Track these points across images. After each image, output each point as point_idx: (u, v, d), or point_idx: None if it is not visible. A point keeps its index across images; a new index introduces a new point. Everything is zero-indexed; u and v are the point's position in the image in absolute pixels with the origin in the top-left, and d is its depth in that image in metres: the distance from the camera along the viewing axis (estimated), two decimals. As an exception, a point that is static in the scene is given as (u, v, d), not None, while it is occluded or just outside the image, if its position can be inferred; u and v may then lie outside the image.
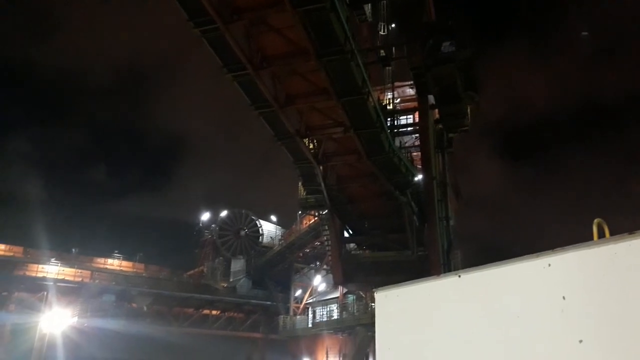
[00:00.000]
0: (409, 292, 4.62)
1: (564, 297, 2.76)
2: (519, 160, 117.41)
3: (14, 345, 32.37)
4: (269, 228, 47.44)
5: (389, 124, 22.07)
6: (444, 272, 4.81)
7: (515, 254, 3.62)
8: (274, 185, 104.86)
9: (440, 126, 25.37)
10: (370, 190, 23.66)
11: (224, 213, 46.10)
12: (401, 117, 27.89)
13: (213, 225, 46.62)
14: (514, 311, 3.55)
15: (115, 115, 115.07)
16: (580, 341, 2.56)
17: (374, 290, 4.97)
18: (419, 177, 24.67)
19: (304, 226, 40.22)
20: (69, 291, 34.81)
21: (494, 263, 3.76)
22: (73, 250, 45.16)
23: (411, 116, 28.55)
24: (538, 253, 3.20)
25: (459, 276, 4.05)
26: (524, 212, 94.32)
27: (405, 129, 28.12)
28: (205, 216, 49.38)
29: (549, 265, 3.12)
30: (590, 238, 2.76)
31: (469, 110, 24.46)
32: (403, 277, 4.91)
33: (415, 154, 26.92)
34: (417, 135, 27.28)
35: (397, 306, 4.69)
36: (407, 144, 28.07)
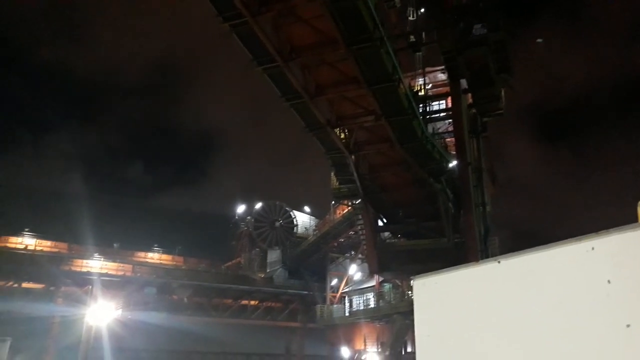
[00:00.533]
0: (448, 280, 4.59)
1: (609, 281, 2.70)
2: (556, 142, 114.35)
3: (62, 337, 33.71)
4: (303, 219, 47.71)
5: (421, 111, 21.81)
6: (482, 259, 4.76)
7: (555, 239, 3.54)
8: (306, 176, 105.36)
9: (474, 110, 24.90)
10: (403, 178, 23.49)
11: (258, 205, 46.61)
12: (433, 103, 27.47)
13: (248, 217, 47.21)
14: (556, 297, 3.49)
15: (149, 112, 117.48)
16: (628, 325, 2.50)
17: (411, 278, 4.98)
18: (453, 163, 24.30)
19: (338, 216, 40.27)
20: (112, 285, 35.92)
21: (535, 248, 3.69)
22: (114, 245, 46.50)
23: (443, 102, 28.09)
24: (580, 236, 3.13)
25: (499, 262, 4.00)
26: (563, 196, 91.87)
27: (437, 115, 27.69)
28: (241, 208, 50.05)
29: (593, 248, 3.05)
30: (634, 220, 2.69)
31: (502, 93, 23.92)
32: (439, 265, 4.88)
33: (449, 139, 26.53)
34: (450, 120, 26.85)
35: (435, 294, 4.67)
36: (440, 130, 27.67)
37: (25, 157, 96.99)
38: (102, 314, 32.43)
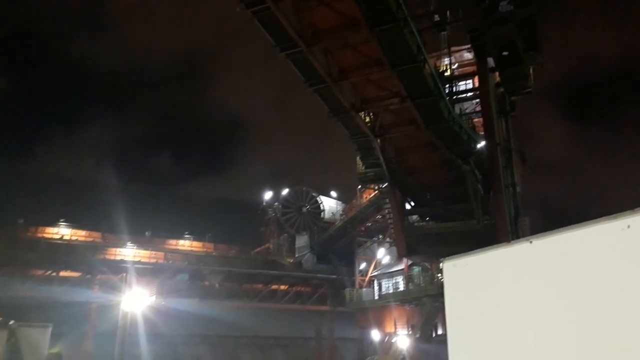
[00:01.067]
0: (478, 261, 4.54)
1: (646, 259, 2.62)
2: (587, 120, 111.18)
3: (99, 322, 34.82)
4: (329, 204, 47.79)
5: (447, 91, 21.45)
6: (513, 240, 4.67)
7: (588, 218, 3.45)
8: (332, 161, 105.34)
9: (502, 90, 24.37)
10: (430, 161, 23.23)
11: (285, 191, 46.90)
12: (460, 83, 26.98)
13: (276, 204, 47.56)
14: (591, 276, 3.41)
15: (175, 103, 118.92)
16: (667, 304, 2.43)
17: (441, 260, 4.93)
18: (481, 144, 23.90)
19: (365, 200, 40.19)
20: (146, 272, 36.75)
21: (568, 227, 3.61)
22: (146, 233, 47.51)
23: (470, 81, 27.55)
24: (616, 214, 3.05)
25: (531, 242, 3.93)
26: (596, 174, 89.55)
27: (464, 95, 27.20)
28: (268, 195, 50.46)
29: (628, 226, 2.97)
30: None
31: (531, 71, 23.32)
32: (469, 247, 4.82)
33: (476, 120, 26.07)
34: (477, 100, 26.37)
35: (466, 275, 4.63)
36: (467, 111, 27.20)
37: (58, 149, 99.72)
38: (136, 301, 33.31)
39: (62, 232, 43.75)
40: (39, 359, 9.15)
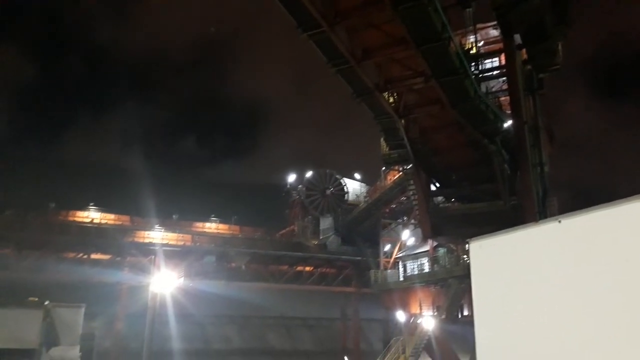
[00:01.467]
0: (505, 241, 4.48)
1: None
2: (616, 97, 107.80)
3: (130, 303, 35.76)
4: (353, 186, 47.70)
5: (473, 69, 20.98)
6: (541, 220, 4.58)
7: (616, 198, 3.35)
8: (356, 143, 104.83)
9: (529, 67, 23.74)
10: (456, 141, 22.93)
11: (309, 174, 46.93)
12: (486, 61, 26.35)
13: (300, 186, 47.70)
14: (622, 255, 3.33)
15: (198, 87, 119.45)
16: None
17: (467, 241, 4.87)
18: (508, 122, 23.44)
19: (389, 182, 39.99)
20: (174, 255, 37.47)
21: (597, 206, 3.52)
22: (173, 216, 48.31)
23: (496, 59, 26.91)
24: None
25: (559, 221, 3.85)
26: (624, 153, 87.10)
27: (490, 73, 26.59)
28: (292, 177, 50.63)
29: (662, 204, 2.87)
30: None
31: (560, 47, 22.64)
32: (495, 228, 4.75)
33: (503, 98, 25.51)
34: (504, 78, 25.78)
35: (492, 255, 4.58)
36: (493, 89, 26.65)
37: (86, 135, 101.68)
38: (165, 283, 34.11)
39: (92, 215, 44.85)
40: (73, 338, 9.44)
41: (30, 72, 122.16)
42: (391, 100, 20.43)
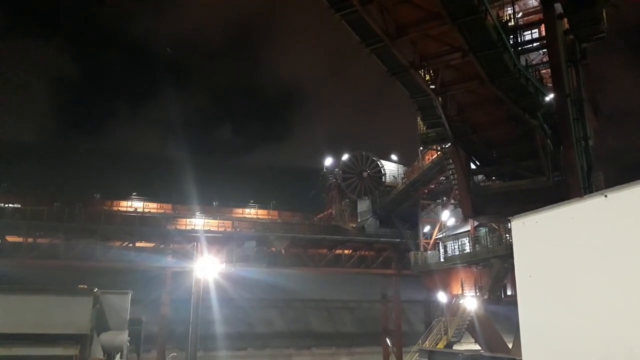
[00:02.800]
0: (549, 218, 4.31)
1: None
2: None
3: (174, 288, 36.84)
4: (390, 167, 47.29)
5: (512, 42, 20.26)
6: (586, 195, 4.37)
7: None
8: (392, 123, 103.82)
9: (572, 36, 22.75)
10: (495, 117, 22.31)
11: (345, 156, 46.78)
12: (525, 33, 25.37)
13: (336, 169, 47.64)
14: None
15: (232, 74, 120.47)
16: None
17: (509, 218, 4.72)
18: (550, 96, 22.62)
19: (427, 162, 39.45)
20: (215, 241, 38.25)
21: (648, 178, 3.32)
22: (214, 203, 49.26)
23: (536, 30, 25.86)
24: None
25: (606, 196, 3.67)
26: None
27: (530, 45, 25.60)
28: (328, 161, 50.57)
29: None
30: None
31: (604, 13, 21.59)
32: (538, 206, 4.57)
33: (544, 71, 24.59)
34: (544, 50, 24.84)
35: (536, 233, 4.42)
36: (534, 62, 25.69)
37: (124, 126, 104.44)
38: (208, 268, 34.95)
39: (135, 204, 46.24)
40: (121, 323, 9.75)
41: (72, 68, 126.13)
42: (427, 77, 20.00)
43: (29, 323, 8.06)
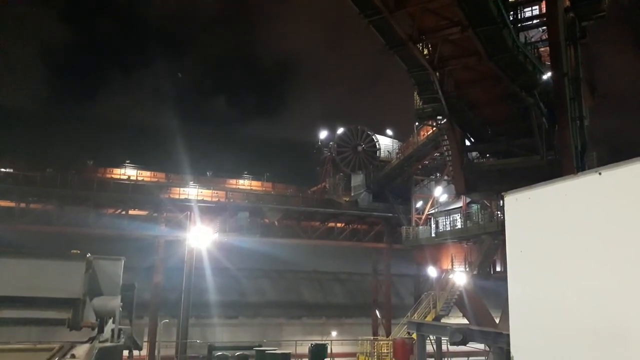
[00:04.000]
0: (542, 194, 4.33)
1: None
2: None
3: (167, 257, 37.04)
4: (385, 142, 47.23)
5: (511, 18, 20.05)
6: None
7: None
8: (387, 99, 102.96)
9: (572, 14, 22.57)
10: (492, 94, 22.23)
11: (340, 130, 46.64)
12: (525, 10, 25.15)
13: (331, 143, 47.56)
14: (668, 207, 3.17)
15: (227, 45, 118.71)
16: None
17: (503, 194, 4.74)
18: (547, 74, 22.52)
19: (422, 138, 39.40)
20: (209, 211, 38.31)
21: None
22: (207, 173, 49.18)
23: (537, 7, 25.63)
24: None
25: (600, 174, 3.68)
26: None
27: (530, 22, 25.41)
28: (323, 134, 50.41)
29: None
30: None
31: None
32: (531, 184, 4.60)
33: (543, 49, 24.43)
34: (544, 27, 24.62)
35: (528, 209, 4.45)
36: (533, 39, 25.51)
37: (118, 94, 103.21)
38: (201, 237, 35.11)
39: (128, 172, 46.09)
40: (114, 288, 9.75)
41: (64, 35, 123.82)
42: (425, 52, 19.82)
43: (21, 286, 8.07)
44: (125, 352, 9.20)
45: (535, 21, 25.48)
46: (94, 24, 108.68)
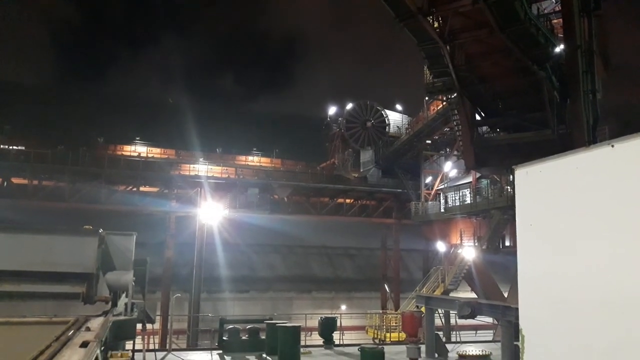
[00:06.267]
0: (553, 167, 4.29)
1: None
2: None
3: (179, 232, 37.45)
4: (395, 117, 46.85)
5: (523, -11, 19.60)
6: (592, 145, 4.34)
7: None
8: (397, 73, 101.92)
9: (587, -16, 22.01)
10: (504, 67, 21.91)
11: (349, 105, 46.27)
12: (538, -20, 24.58)
13: (340, 119, 47.26)
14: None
15: (234, 21, 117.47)
16: None
17: (513, 167, 4.71)
18: (560, 47, 22.10)
19: (432, 112, 39.06)
20: (219, 187, 38.51)
21: (656, 129, 3.28)
22: (217, 150, 49.26)
23: (550, -23, 25.05)
24: None
25: (612, 146, 3.63)
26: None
27: (543, -7, 24.88)
28: (332, 110, 50.07)
29: None
30: None
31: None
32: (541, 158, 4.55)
33: (555, 21, 23.94)
34: (557, -1, 24.10)
35: (539, 182, 4.41)
36: (545, 11, 24.98)
37: (128, 71, 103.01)
38: (211, 214, 35.40)
39: (138, 149, 46.29)
40: (127, 263, 9.94)
41: (73, 12, 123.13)
42: (435, 25, 19.51)
43: (36, 261, 8.24)
44: (139, 325, 9.39)
45: (548, -8, 24.93)
46: (102, 0, 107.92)
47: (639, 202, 3.31)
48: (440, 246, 38.18)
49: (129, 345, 9.38)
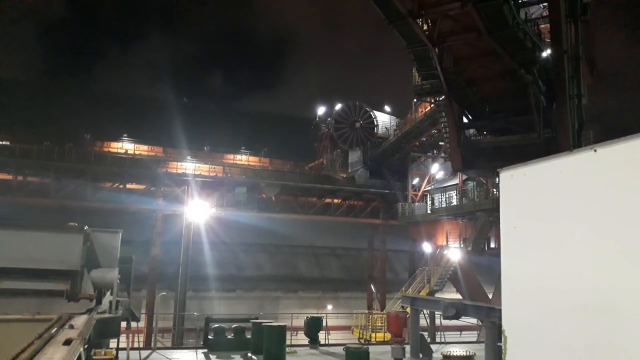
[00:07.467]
0: (537, 170, 4.36)
1: None
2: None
3: (165, 231, 37.21)
4: (383, 119, 47.05)
5: (512, -6, 19.79)
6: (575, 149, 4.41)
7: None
8: (386, 75, 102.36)
9: (574, -10, 22.25)
10: (491, 71, 22.09)
11: (338, 106, 46.36)
12: (527, -15, 24.83)
13: (329, 119, 47.34)
14: (661, 184, 3.19)
15: (226, 19, 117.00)
16: None
17: (498, 170, 4.77)
18: (547, 52, 22.35)
19: (420, 114, 39.26)
20: (206, 185, 38.34)
21: (635, 134, 3.34)
22: (205, 148, 49.06)
23: (538, -18, 25.29)
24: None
25: (595, 151, 3.70)
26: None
27: (531, -2, 25.12)
28: (321, 110, 50.13)
29: None
30: None
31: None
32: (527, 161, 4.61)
33: (543, 26, 24.19)
34: (545, 4, 24.32)
35: (523, 185, 4.48)
36: (533, 16, 25.24)
37: (114, 67, 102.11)
38: (198, 212, 35.24)
39: (125, 146, 45.94)
40: (112, 261, 9.87)
41: (61, 8, 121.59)
42: (425, 27, 19.62)
43: (20, 258, 8.14)
44: (123, 324, 9.33)
45: (536, -3, 25.19)
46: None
47: (620, 206, 3.37)
48: (427, 247, 38.39)
49: (113, 343, 9.31)
